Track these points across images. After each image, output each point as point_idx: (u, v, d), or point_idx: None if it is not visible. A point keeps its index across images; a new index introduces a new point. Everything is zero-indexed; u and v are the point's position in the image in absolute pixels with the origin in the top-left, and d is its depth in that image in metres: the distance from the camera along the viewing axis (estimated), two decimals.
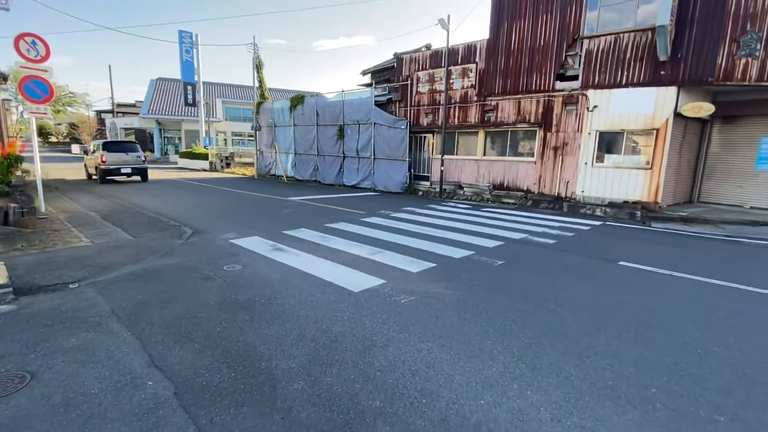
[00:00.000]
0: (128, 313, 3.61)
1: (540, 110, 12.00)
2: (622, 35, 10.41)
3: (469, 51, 13.29)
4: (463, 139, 14.07)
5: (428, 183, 14.95)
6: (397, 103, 15.60)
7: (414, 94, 14.96)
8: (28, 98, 8.35)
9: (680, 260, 5.93)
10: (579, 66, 11.24)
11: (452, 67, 13.59)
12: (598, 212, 10.58)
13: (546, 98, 11.86)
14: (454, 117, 13.86)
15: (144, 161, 16.74)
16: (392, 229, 7.67)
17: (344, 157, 16.90)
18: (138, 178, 16.85)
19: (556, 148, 11.79)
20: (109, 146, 16.34)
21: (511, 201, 12.24)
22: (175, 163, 32.04)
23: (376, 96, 15.96)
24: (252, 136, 22.69)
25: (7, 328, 3.26)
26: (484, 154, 13.48)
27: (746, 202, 10.76)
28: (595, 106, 10.97)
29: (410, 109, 15.07)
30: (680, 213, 9.71)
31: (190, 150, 30.18)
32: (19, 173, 7.87)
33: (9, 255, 5.15)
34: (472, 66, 13.26)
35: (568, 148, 11.56)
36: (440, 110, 13.95)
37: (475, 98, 13.32)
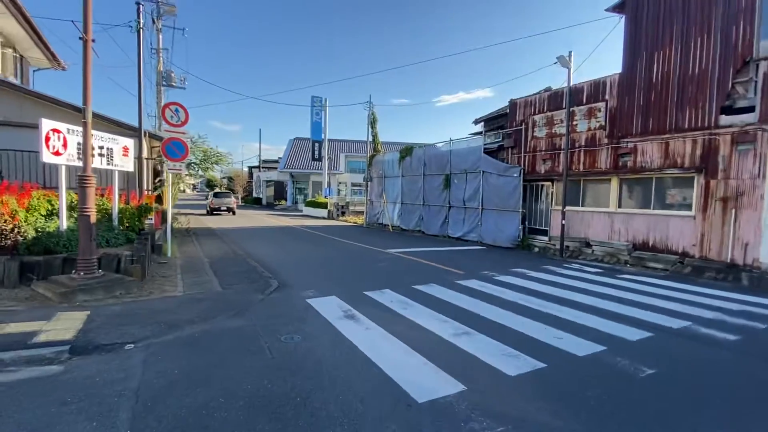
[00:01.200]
0: (151, 395, 3.05)
1: (698, 152, 9.34)
2: None
3: (597, 88, 11.40)
4: (590, 187, 11.84)
5: (546, 238, 12.83)
6: (510, 149, 14.18)
7: (529, 140, 13.41)
8: (168, 157, 9.46)
9: None
10: (754, 94, 8.51)
11: (575, 108, 11.80)
12: None
13: (706, 137, 9.21)
14: (579, 162, 11.82)
15: (234, 203, 27.58)
16: (492, 299, 6.22)
17: (450, 207, 15.86)
18: (229, 213, 27.09)
19: (725, 200, 8.88)
20: (216, 194, 28.37)
21: (660, 266, 9.47)
22: (301, 210, 35.04)
23: (486, 144, 14.83)
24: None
25: (26, 400, 2.95)
26: (619, 206, 11.00)
27: None
28: None
29: (524, 156, 13.49)
30: None
31: (313, 199, 32.74)
32: (149, 221, 8.73)
33: (101, 303, 5.33)
34: (601, 105, 11.28)
35: (745, 200, 8.58)
36: (561, 155, 12.09)
37: (605, 141, 11.19)
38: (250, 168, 58.53)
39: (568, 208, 11.68)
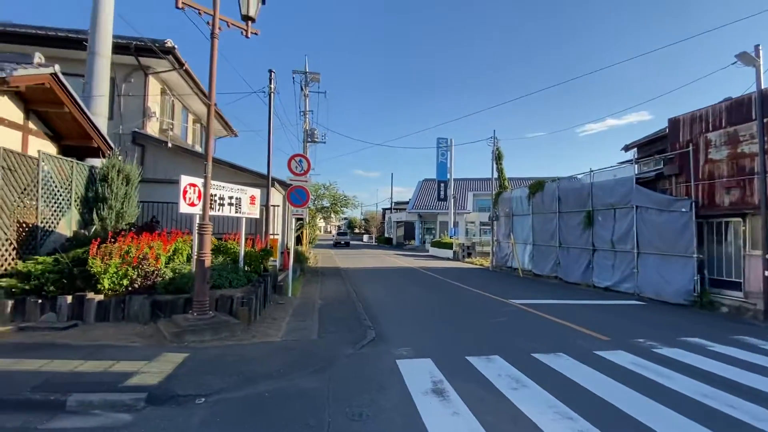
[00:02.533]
0: None
1: None
2: None
3: None
4: None
5: (740, 294, 9.37)
6: (673, 178, 11.22)
7: (701, 165, 10.36)
8: (292, 203, 10.15)
9: None
10: None
11: None
12: None
13: None
14: None
15: (348, 239, 41.76)
16: (649, 387, 4.39)
17: (594, 250, 13.22)
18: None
19: None
20: (338, 233, 43.77)
21: None
22: (428, 251, 34.74)
23: (639, 174, 12.13)
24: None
25: None
26: None
27: None
28: None
29: (695, 185, 10.42)
30: None
31: (439, 240, 32.16)
32: (273, 262, 9.31)
33: (205, 344, 5.52)
34: None
35: None
36: (755, 182, 8.90)
37: None
38: (384, 210, 61.88)
39: None
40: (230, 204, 8.19)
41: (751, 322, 8.13)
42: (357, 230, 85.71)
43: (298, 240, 19.41)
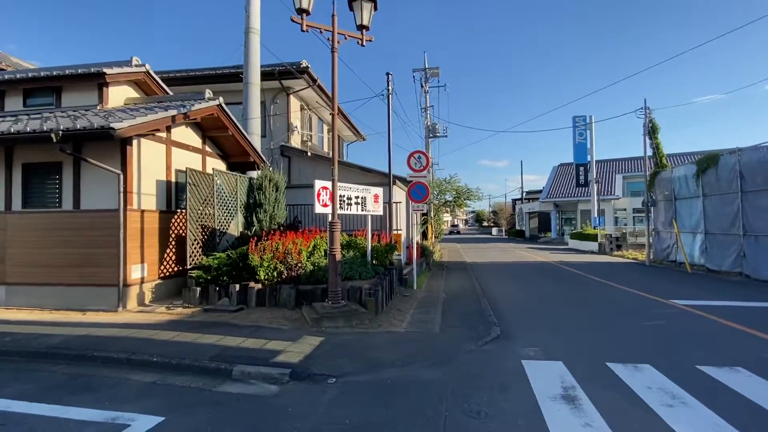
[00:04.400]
0: None
1: None
2: None
3: None
4: None
5: None
6: None
7: None
8: (412, 199, 10.43)
9: None
10: None
11: None
12: None
13: None
14: None
15: (459, 229, 62.57)
16: None
17: None
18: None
19: None
20: (452, 225, 53.31)
21: None
22: (567, 243, 31.47)
23: None
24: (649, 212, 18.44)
25: (235, 416, 3.49)
26: None
27: None
28: None
29: None
30: None
31: (579, 231, 28.81)
32: (397, 256, 9.72)
33: (338, 330, 6.08)
34: None
35: None
36: None
37: None
38: (514, 200, 58.35)
39: None
40: (356, 203, 8.83)
41: None
42: (485, 223, 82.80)
43: (424, 235, 19.78)
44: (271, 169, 10.43)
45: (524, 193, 49.50)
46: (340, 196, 8.06)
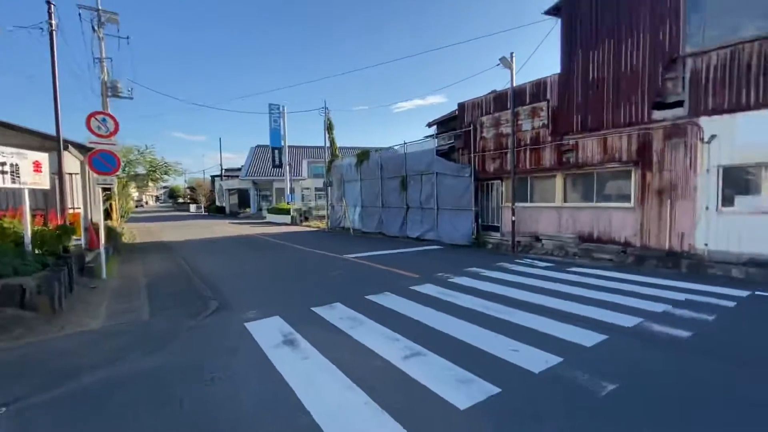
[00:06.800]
0: None
1: (633, 146, 9.28)
2: (741, 46, 7.60)
3: (538, 89, 11.20)
4: (537, 184, 11.64)
5: (499, 234, 12.55)
6: (460, 150, 13.82)
7: (478, 140, 13.08)
8: (95, 170, 8.23)
9: None
10: (683, 90, 8.51)
11: (520, 108, 11.55)
12: (735, 273, 7.35)
13: (641, 132, 9.15)
14: (526, 161, 11.59)
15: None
16: (446, 307, 5.62)
17: (407, 209, 15.32)
18: None
19: (660, 191, 8.84)
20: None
21: (606, 257, 9.33)
22: (265, 218, 33.45)
23: (438, 146, 14.43)
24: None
25: None
26: (565, 201, 10.85)
27: None
28: (712, 137, 8.04)
29: (474, 156, 13.15)
30: None
31: (276, 206, 31.32)
32: (77, 241, 7.49)
33: None
34: (543, 104, 11.08)
35: (679, 191, 8.56)
36: (508, 154, 11.82)
37: (549, 139, 10.99)
38: (213, 177, 55.58)
39: (517, 204, 11.43)
40: (2, 172, 6.10)
41: (505, 253, 11.07)
42: (181, 200, 74.61)
43: (107, 214, 15.94)
44: None
45: (224, 170, 48.11)
46: None
